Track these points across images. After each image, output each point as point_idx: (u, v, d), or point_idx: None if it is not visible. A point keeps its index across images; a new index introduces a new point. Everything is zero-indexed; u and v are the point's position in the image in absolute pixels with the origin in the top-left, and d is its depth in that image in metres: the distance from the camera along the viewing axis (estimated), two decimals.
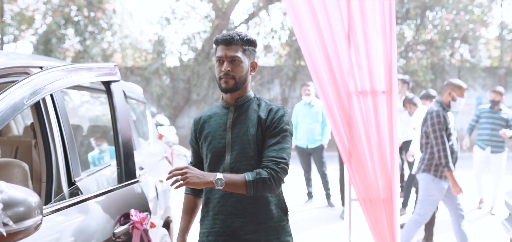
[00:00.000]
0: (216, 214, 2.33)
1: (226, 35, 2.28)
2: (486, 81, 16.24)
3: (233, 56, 2.25)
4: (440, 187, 4.49)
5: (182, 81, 16.15)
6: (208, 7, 16.31)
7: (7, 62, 1.99)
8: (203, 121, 2.42)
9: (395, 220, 3.72)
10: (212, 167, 2.33)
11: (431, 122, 4.45)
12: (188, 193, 2.50)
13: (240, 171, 2.24)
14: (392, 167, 3.73)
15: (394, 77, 3.71)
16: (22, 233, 1.35)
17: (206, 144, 2.36)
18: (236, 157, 2.28)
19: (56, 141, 2.17)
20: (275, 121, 2.28)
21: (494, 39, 17.23)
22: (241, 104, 2.36)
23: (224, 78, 2.27)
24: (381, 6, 3.67)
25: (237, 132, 2.31)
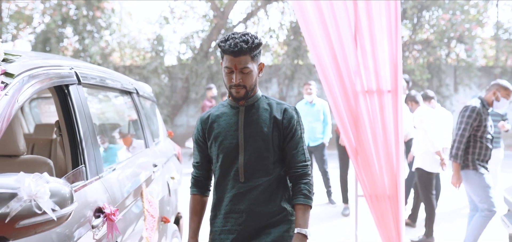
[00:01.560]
0: (228, 213, 2.35)
1: (233, 46, 2.21)
2: (482, 80, 16.39)
3: (243, 68, 2.24)
4: (480, 174, 4.56)
5: (180, 80, 16.20)
6: (206, 7, 16.37)
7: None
8: (212, 121, 2.40)
9: (400, 216, 3.82)
10: (225, 167, 2.35)
11: (462, 114, 4.56)
12: (195, 193, 2.48)
13: (255, 172, 2.30)
14: (397, 164, 3.83)
15: (399, 77, 3.81)
16: (62, 220, 1.44)
17: (217, 144, 2.35)
18: (250, 157, 2.31)
19: (82, 137, 2.25)
20: (293, 125, 2.35)
21: (489, 39, 17.38)
22: (251, 104, 2.37)
23: (235, 88, 2.27)
24: (387, 9, 3.77)
25: (250, 132, 2.32)
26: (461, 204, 7.53)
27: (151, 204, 2.97)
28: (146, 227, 2.82)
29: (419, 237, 5.73)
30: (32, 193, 1.32)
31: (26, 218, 1.31)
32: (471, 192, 4.64)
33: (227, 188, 2.35)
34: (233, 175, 2.33)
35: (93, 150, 2.31)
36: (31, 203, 1.32)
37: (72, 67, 2.34)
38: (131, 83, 3.43)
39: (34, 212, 1.32)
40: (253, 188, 2.31)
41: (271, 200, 2.34)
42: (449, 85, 16.14)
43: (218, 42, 2.27)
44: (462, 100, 16.35)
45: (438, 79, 15.86)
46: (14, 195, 1.31)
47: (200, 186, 2.47)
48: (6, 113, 1.64)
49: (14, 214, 1.29)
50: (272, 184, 2.35)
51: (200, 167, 2.46)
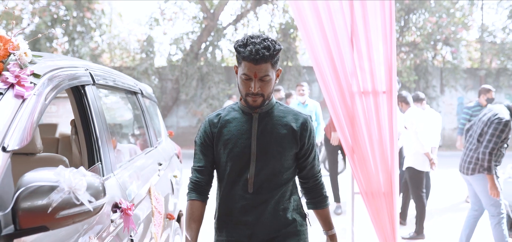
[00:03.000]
0: (236, 224, 2.25)
1: (255, 53, 2.06)
2: (467, 82, 16.71)
3: (263, 76, 2.11)
4: (496, 178, 4.56)
5: (170, 81, 16.27)
6: (196, 8, 16.45)
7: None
8: (222, 124, 2.25)
9: (395, 212, 3.96)
10: (234, 176, 2.23)
11: (496, 127, 4.44)
12: (194, 199, 2.27)
13: (265, 184, 2.21)
14: (392, 162, 3.96)
15: (394, 78, 3.95)
16: (97, 210, 1.53)
17: (227, 151, 2.21)
18: (262, 168, 2.20)
19: (98, 135, 2.34)
20: (312, 137, 2.29)
21: (474, 41, 17.74)
22: (265, 111, 2.24)
23: (252, 97, 2.14)
24: (382, 12, 3.91)
25: (264, 142, 2.20)
26: (450, 202, 7.73)
27: (158, 201, 3.07)
28: (154, 223, 2.91)
29: (410, 234, 5.89)
30: (71, 186, 1.41)
31: (65, 208, 1.41)
32: (484, 194, 4.64)
33: (235, 198, 2.24)
34: (241, 185, 2.22)
35: (107, 148, 2.41)
36: (70, 195, 1.42)
37: (87, 68, 2.43)
38: (136, 84, 3.53)
39: (72, 203, 1.42)
40: (263, 200, 2.22)
41: (280, 212, 2.26)
42: (436, 87, 16.42)
43: (236, 46, 2.12)
44: (448, 101, 16.65)
45: (425, 81, 16.14)
46: (54, 188, 1.41)
47: (200, 192, 2.28)
48: (36, 113, 1.73)
49: (55, 205, 1.39)
50: (283, 196, 2.26)
51: (203, 171, 2.28)
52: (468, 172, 4.68)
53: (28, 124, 1.66)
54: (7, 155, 1.50)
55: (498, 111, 4.54)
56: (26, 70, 1.80)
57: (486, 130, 4.53)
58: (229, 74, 16.58)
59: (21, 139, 1.59)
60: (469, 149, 4.74)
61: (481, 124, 4.62)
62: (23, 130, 1.62)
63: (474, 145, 4.68)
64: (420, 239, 5.82)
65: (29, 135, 1.65)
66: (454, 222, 6.53)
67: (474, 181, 4.69)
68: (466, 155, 4.78)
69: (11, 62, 1.79)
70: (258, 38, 2.10)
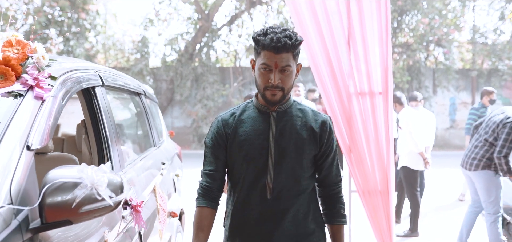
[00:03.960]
0: (253, 233, 2.10)
1: (276, 40, 1.92)
2: (459, 83, 16.90)
3: (284, 67, 1.96)
4: (498, 176, 4.67)
5: (165, 82, 16.32)
6: (191, 9, 16.52)
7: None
8: (236, 124, 2.10)
9: (391, 210, 4.07)
10: (250, 181, 2.07)
11: (509, 131, 4.47)
12: (204, 206, 2.11)
13: (285, 189, 2.06)
14: (388, 161, 4.07)
15: (389, 79, 4.06)
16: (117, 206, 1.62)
17: (242, 154, 2.06)
18: (281, 172, 2.05)
19: (107, 135, 2.43)
20: (332, 139, 2.14)
21: (466, 42, 17.94)
22: (284, 110, 2.09)
23: (272, 90, 1.98)
24: (378, 15, 4.02)
25: (283, 143, 2.05)
26: (443, 200, 7.87)
27: (162, 199, 3.16)
28: (159, 220, 3.00)
29: (405, 232, 6.01)
30: (94, 182, 1.50)
31: (88, 204, 1.50)
32: (485, 191, 4.71)
33: (252, 204, 2.08)
34: (259, 190, 2.06)
35: (116, 147, 2.49)
36: (93, 191, 1.50)
37: (96, 70, 2.52)
38: (139, 85, 3.61)
39: (94, 199, 1.51)
40: (283, 207, 2.07)
41: (301, 220, 2.11)
42: (428, 87, 16.59)
43: (255, 36, 1.99)
44: (441, 102, 16.83)
45: (418, 82, 16.30)
46: (77, 184, 1.50)
47: (211, 198, 2.12)
48: (53, 113, 1.82)
49: (79, 200, 1.48)
50: (303, 202, 2.11)
51: (214, 175, 2.12)
52: (471, 168, 4.73)
53: (47, 125, 1.74)
54: (31, 153, 1.58)
55: (511, 114, 4.56)
56: (44, 73, 1.89)
57: (499, 133, 4.55)
58: (223, 75, 16.67)
59: (42, 138, 1.68)
60: (474, 145, 4.79)
61: (492, 124, 4.64)
62: (43, 130, 1.70)
63: (480, 142, 4.73)
64: (414, 236, 5.94)
65: (49, 135, 1.73)
66: (447, 220, 6.67)
67: (475, 177, 4.76)
68: (470, 150, 4.82)
69: (29, 65, 1.87)
70: (278, 28, 1.97)
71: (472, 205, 5.04)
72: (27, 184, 1.50)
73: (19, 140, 1.57)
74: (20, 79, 1.82)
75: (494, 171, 4.64)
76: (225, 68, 17.02)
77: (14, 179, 1.45)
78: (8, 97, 1.75)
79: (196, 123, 15.95)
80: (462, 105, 17.00)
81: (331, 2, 4.03)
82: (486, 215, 4.76)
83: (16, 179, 1.45)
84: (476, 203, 5.00)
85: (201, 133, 15.86)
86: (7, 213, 1.35)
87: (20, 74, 1.83)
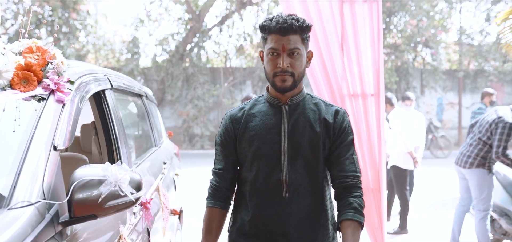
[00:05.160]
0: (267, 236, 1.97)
1: (282, 21, 1.86)
2: (446, 83, 17.21)
3: (292, 49, 1.86)
4: (491, 175, 4.84)
5: (155, 82, 16.40)
6: (182, 10, 16.62)
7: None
8: (246, 119, 1.99)
9: (383, 207, 4.23)
10: (263, 178, 1.94)
11: (502, 131, 4.61)
12: (214, 207, 2.03)
13: (301, 186, 1.93)
14: (379, 160, 4.24)
15: (381, 81, 4.23)
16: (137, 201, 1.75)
17: (253, 149, 1.95)
18: (297, 168, 1.93)
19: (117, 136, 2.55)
20: (345, 128, 1.98)
21: (453, 43, 18.26)
22: (296, 103, 1.97)
23: (281, 75, 1.88)
24: (370, 20, 4.18)
25: (297, 137, 1.93)
26: (432, 199, 8.08)
27: (165, 197, 3.28)
28: (162, 218, 3.13)
29: (394, 229, 6.19)
30: (117, 179, 1.63)
31: (112, 199, 1.63)
32: (477, 188, 4.86)
33: (265, 203, 1.95)
34: (273, 189, 1.94)
35: (125, 148, 2.62)
36: (116, 188, 1.63)
37: (105, 74, 2.64)
38: (141, 87, 3.74)
39: (118, 195, 1.64)
40: (300, 206, 1.94)
41: (318, 222, 1.98)
42: (416, 88, 16.87)
43: (261, 24, 1.93)
44: (428, 102, 17.12)
45: (406, 82, 16.56)
46: (102, 181, 1.62)
47: (221, 198, 2.04)
48: (73, 116, 1.94)
49: (104, 196, 1.61)
50: (321, 201, 1.98)
51: (224, 174, 2.03)
52: (466, 166, 4.88)
53: (68, 126, 1.87)
54: (57, 153, 1.71)
55: (503, 114, 4.73)
56: (63, 78, 2.01)
57: (492, 132, 4.71)
58: (214, 75, 16.79)
59: (65, 139, 1.80)
60: (469, 144, 4.95)
61: (486, 124, 4.82)
62: (66, 131, 1.83)
63: (475, 141, 4.88)
64: (403, 233, 6.12)
65: (70, 136, 1.86)
66: (434, 217, 6.87)
67: (469, 175, 4.91)
68: (466, 148, 4.98)
69: (49, 70, 1.99)
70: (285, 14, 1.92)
71: (460, 203, 5.22)
72: (55, 182, 1.63)
73: (46, 141, 1.69)
74: (42, 84, 1.94)
75: (488, 170, 4.81)
76: (216, 68, 17.14)
77: (45, 177, 1.57)
78: (30, 100, 1.87)
79: (186, 123, 16.06)
80: (449, 105, 17.31)
81: (324, 2, 4.18)
82: (476, 212, 4.92)
83: (46, 177, 1.58)
84: (464, 201, 5.17)
85: (192, 133, 15.97)
86: (42, 208, 1.48)
87: (41, 79, 1.95)
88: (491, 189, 4.86)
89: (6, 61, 1.91)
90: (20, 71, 1.90)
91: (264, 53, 1.94)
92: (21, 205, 1.45)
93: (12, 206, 1.43)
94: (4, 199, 1.45)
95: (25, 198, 1.47)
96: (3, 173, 1.54)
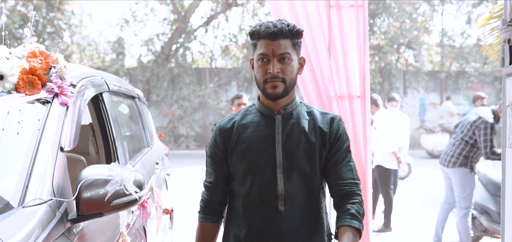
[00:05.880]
0: None
1: (271, 26, 1.79)
2: (429, 84, 17.52)
3: (283, 54, 1.79)
4: (474, 174, 5.00)
5: (141, 82, 16.39)
6: (167, 10, 16.64)
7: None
8: (237, 130, 1.90)
9: (368, 206, 4.37)
10: (257, 192, 1.86)
11: (485, 132, 4.79)
12: (206, 221, 1.96)
13: (298, 199, 1.85)
14: (365, 160, 4.37)
15: (367, 84, 4.36)
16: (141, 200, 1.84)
17: (246, 163, 1.87)
18: (292, 180, 1.86)
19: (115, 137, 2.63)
20: (341, 135, 1.91)
21: (435, 45, 18.59)
22: (289, 112, 1.90)
23: (272, 82, 1.80)
24: (357, 24, 4.31)
25: (292, 149, 1.86)
26: (415, 198, 8.26)
27: (158, 196, 3.37)
28: (156, 217, 3.21)
29: (379, 227, 6.33)
30: (123, 179, 1.72)
31: (117, 198, 1.71)
32: (460, 186, 5.03)
33: (261, 219, 1.86)
34: (268, 203, 1.86)
35: (122, 148, 2.70)
36: (121, 187, 1.72)
37: (102, 77, 2.72)
38: (133, 89, 3.81)
39: (123, 193, 1.72)
40: (296, 219, 1.86)
41: (314, 234, 1.90)
42: (399, 89, 17.13)
43: (250, 30, 1.86)
44: (411, 102, 17.39)
45: (389, 83, 16.82)
46: (108, 181, 1.71)
47: (213, 212, 1.96)
48: (76, 118, 2.02)
49: (110, 194, 1.69)
50: (317, 213, 1.91)
51: (215, 188, 1.95)
52: (449, 165, 5.05)
53: (73, 128, 1.95)
54: (64, 154, 1.79)
55: (483, 114, 4.91)
56: (66, 81, 2.08)
57: (474, 132, 4.87)
58: (199, 75, 16.85)
59: (70, 140, 1.88)
60: (452, 144, 5.13)
61: (467, 124, 5.00)
62: (71, 133, 1.91)
63: (457, 141, 5.05)
64: (387, 231, 6.28)
65: (74, 138, 1.94)
66: (417, 215, 7.05)
67: (452, 174, 5.08)
68: (449, 148, 5.15)
69: (53, 74, 2.07)
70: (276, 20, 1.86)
71: (445, 201, 5.38)
72: (63, 181, 1.71)
73: (53, 143, 1.77)
74: (45, 88, 2.01)
75: (470, 169, 4.98)
76: (201, 69, 17.19)
77: (54, 177, 1.65)
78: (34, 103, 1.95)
79: (172, 123, 16.09)
80: (431, 106, 17.61)
81: (312, 5, 4.30)
82: (458, 209, 5.10)
83: (55, 177, 1.66)
84: (449, 199, 5.34)
85: (177, 133, 16.02)
86: (53, 206, 1.56)
87: (45, 83, 2.03)
88: (473, 188, 5.03)
89: (11, 65, 1.98)
90: (25, 75, 1.98)
91: (254, 60, 1.87)
92: (34, 203, 1.53)
93: (26, 204, 1.51)
94: (18, 198, 1.53)
95: (37, 196, 1.55)
96: (15, 173, 1.62)
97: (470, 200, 5.04)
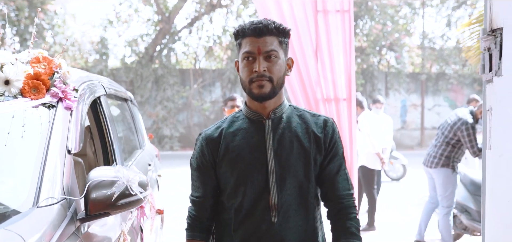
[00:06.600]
0: None
1: (256, 22, 1.70)
2: (410, 86, 17.83)
3: (269, 51, 1.69)
4: (456, 174, 5.16)
5: (124, 83, 16.35)
6: (151, 11, 16.65)
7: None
8: (225, 139, 1.78)
9: None
10: (249, 204, 1.76)
11: (468, 132, 4.94)
12: (195, 239, 1.85)
13: (292, 209, 1.76)
14: (351, 161, 4.51)
15: (353, 87, 4.50)
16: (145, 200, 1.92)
17: (236, 173, 1.76)
18: (286, 190, 1.75)
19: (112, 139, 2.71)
20: (335, 140, 1.83)
21: (416, 47, 18.93)
22: (279, 116, 1.78)
23: (258, 81, 1.69)
24: (343, 29, 4.45)
25: (284, 156, 1.75)
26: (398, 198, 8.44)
27: (152, 197, 3.44)
28: (150, 217, 3.29)
29: (363, 226, 6.47)
30: (128, 180, 1.81)
31: (123, 198, 1.80)
32: (442, 186, 5.19)
33: (254, 232, 1.77)
34: (260, 214, 1.76)
35: (119, 150, 2.77)
36: (127, 187, 1.81)
37: (99, 81, 2.79)
38: (126, 91, 3.88)
39: (128, 194, 1.81)
40: (291, 231, 1.76)
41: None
42: (381, 90, 17.40)
43: (234, 31, 1.78)
44: (393, 104, 17.68)
45: (371, 85, 17.07)
46: (114, 182, 1.79)
47: (201, 229, 1.86)
48: (80, 121, 2.10)
49: (117, 195, 1.78)
50: (312, 222, 1.82)
51: (203, 203, 1.84)
52: (432, 165, 5.21)
53: (77, 132, 2.03)
54: (71, 157, 1.87)
55: (462, 115, 5.07)
56: (69, 86, 2.16)
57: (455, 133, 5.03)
58: (183, 76, 16.88)
59: (76, 143, 1.96)
60: (435, 145, 5.29)
61: (447, 126, 5.17)
62: (76, 136, 1.99)
63: (439, 142, 5.21)
64: (371, 230, 6.43)
65: (79, 141, 2.02)
66: (408, 216, 7.22)
67: (435, 174, 5.24)
68: (432, 149, 5.30)
69: (56, 79, 2.14)
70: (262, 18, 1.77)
71: (429, 201, 5.55)
72: (71, 182, 1.79)
73: (61, 146, 1.85)
74: (50, 92, 2.09)
75: (452, 169, 5.15)
76: (185, 70, 17.23)
77: (63, 178, 1.73)
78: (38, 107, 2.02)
79: (156, 124, 16.10)
80: (413, 107, 17.93)
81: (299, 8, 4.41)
82: (440, 208, 5.26)
83: (64, 178, 1.74)
84: (433, 199, 5.50)
85: (161, 134, 16.03)
86: (65, 205, 1.64)
87: (49, 88, 2.10)
88: (455, 187, 5.20)
89: (16, 71, 2.05)
90: (30, 80, 2.05)
91: (239, 61, 1.76)
92: (47, 203, 1.61)
93: (40, 205, 1.59)
94: (33, 199, 1.61)
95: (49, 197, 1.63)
96: (27, 175, 1.70)
97: (452, 199, 5.20)
